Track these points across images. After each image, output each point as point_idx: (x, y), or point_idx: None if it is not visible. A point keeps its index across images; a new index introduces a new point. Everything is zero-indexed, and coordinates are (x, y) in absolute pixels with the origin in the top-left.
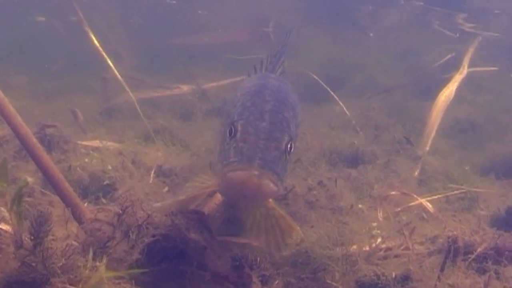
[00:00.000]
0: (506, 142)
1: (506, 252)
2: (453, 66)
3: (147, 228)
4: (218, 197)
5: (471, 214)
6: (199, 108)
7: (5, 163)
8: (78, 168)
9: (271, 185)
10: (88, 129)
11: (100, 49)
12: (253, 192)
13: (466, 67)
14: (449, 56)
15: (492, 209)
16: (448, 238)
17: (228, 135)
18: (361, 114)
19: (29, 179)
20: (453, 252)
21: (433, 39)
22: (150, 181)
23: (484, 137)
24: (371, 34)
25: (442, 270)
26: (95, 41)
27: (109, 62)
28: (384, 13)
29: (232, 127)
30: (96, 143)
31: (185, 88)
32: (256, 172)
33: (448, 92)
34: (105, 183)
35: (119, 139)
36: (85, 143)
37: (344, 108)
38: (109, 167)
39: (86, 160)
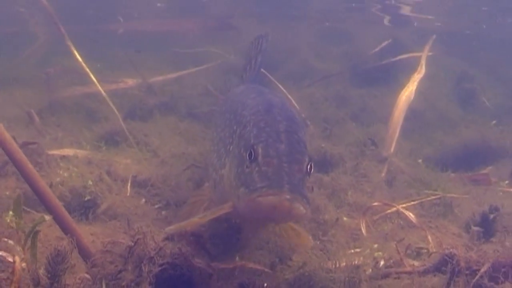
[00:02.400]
0: (448, 131)
1: (503, 269)
2: (390, 52)
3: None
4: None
5: (446, 220)
6: (153, 105)
7: (19, 199)
8: (59, 185)
9: (301, 208)
10: (45, 131)
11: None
12: (284, 216)
13: (423, 66)
14: (385, 43)
15: (467, 215)
16: (448, 257)
17: (248, 158)
18: (310, 106)
19: (47, 217)
20: (454, 271)
21: (368, 24)
22: (128, 194)
23: (427, 125)
24: (327, 23)
25: None
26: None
27: None
28: None
29: (252, 151)
30: (64, 151)
31: (131, 82)
32: (288, 197)
33: (408, 92)
34: (86, 198)
35: (77, 141)
36: (54, 152)
37: (293, 101)
38: (90, 182)
39: (66, 174)
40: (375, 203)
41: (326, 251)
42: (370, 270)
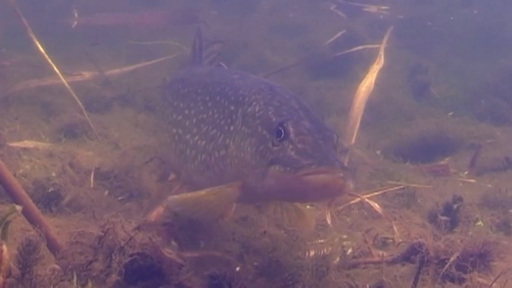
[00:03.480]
0: (405, 123)
1: (470, 258)
2: (344, 44)
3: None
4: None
5: (410, 210)
6: (110, 98)
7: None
8: (22, 177)
9: (352, 185)
10: (3, 124)
11: None
12: (333, 194)
13: (382, 57)
14: (339, 34)
15: (430, 205)
16: (417, 246)
17: (274, 136)
18: None
19: (18, 208)
20: (423, 261)
21: (322, 16)
22: (91, 186)
23: (383, 117)
24: (291, 15)
25: (415, 282)
26: None
27: None
28: None
29: (281, 128)
30: (25, 143)
31: (87, 75)
32: (341, 174)
33: (368, 82)
34: (49, 190)
35: (36, 133)
36: (15, 144)
37: None
38: (53, 174)
39: (28, 166)
40: None
41: (293, 239)
42: (338, 259)
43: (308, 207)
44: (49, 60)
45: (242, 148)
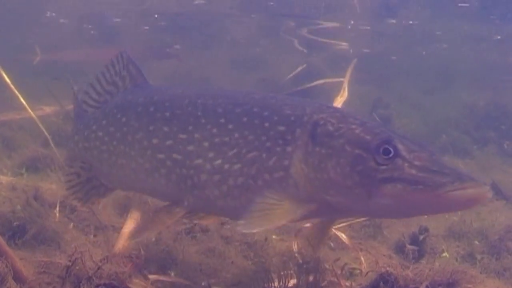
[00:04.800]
0: None
1: (439, 287)
2: (305, 78)
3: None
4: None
5: (376, 242)
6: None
7: None
8: None
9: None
10: None
11: None
12: (474, 207)
13: (346, 89)
14: (300, 68)
15: (396, 236)
16: (385, 275)
17: (381, 155)
18: None
19: None
20: None
21: (282, 50)
22: (56, 219)
23: None
24: (253, 49)
25: None
26: None
27: None
28: (232, 25)
29: (389, 147)
30: None
31: (48, 109)
32: (487, 187)
33: None
34: (15, 224)
35: None
36: None
37: None
38: (19, 207)
39: None
40: (307, 225)
41: (259, 272)
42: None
43: (274, 237)
44: (17, 92)
45: (323, 169)
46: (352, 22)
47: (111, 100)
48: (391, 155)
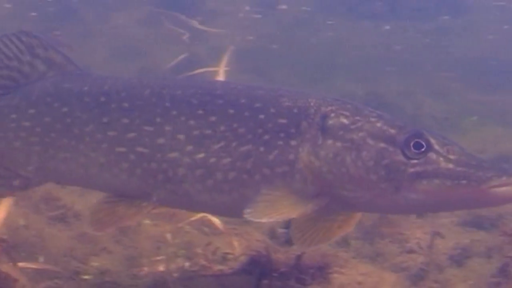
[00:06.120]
0: None
1: (310, 270)
2: (186, 67)
3: None
4: None
5: (251, 227)
6: None
7: None
8: None
9: None
10: None
11: None
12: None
13: (221, 76)
14: (182, 57)
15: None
16: (256, 258)
17: (410, 149)
18: None
19: None
20: (261, 272)
21: (165, 39)
22: None
23: None
24: (134, 38)
25: None
26: None
27: None
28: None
29: (421, 141)
30: None
31: None
32: None
33: None
34: None
35: None
36: None
37: None
38: None
39: None
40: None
41: (130, 257)
42: (176, 274)
43: (147, 221)
44: None
45: (340, 163)
46: (248, 8)
47: (30, 87)
48: (423, 149)
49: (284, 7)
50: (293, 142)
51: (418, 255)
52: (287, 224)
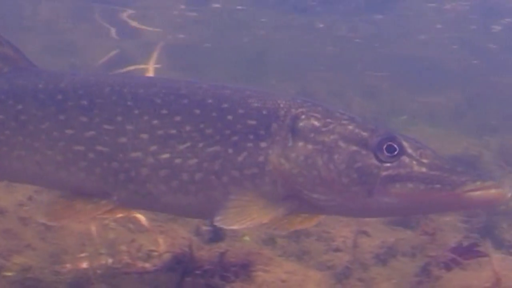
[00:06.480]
0: None
1: (233, 268)
2: (117, 63)
3: None
4: None
5: (177, 224)
6: None
7: None
8: None
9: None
10: None
11: None
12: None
13: (151, 73)
14: (113, 53)
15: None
16: (180, 256)
17: (383, 152)
18: None
19: None
20: (184, 270)
21: (96, 35)
22: None
23: None
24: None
25: None
26: None
27: None
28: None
29: (393, 144)
30: None
31: None
32: (508, 188)
33: None
34: None
35: None
36: None
37: None
38: None
39: None
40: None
41: (54, 254)
42: (100, 271)
43: None
44: None
45: (311, 165)
46: (183, 6)
47: None
48: (396, 152)
49: (218, 5)
50: (262, 144)
51: (344, 253)
52: (212, 227)
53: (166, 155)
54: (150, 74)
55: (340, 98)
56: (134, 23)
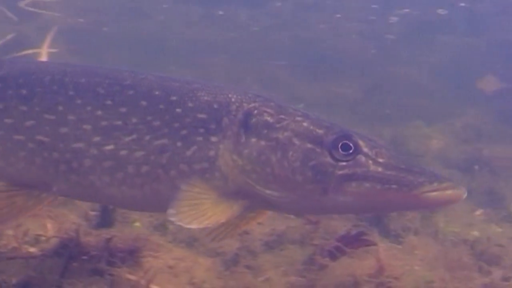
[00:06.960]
0: None
1: (120, 254)
2: (14, 47)
3: None
4: None
5: (67, 209)
6: None
7: None
8: None
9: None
10: None
11: None
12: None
13: (44, 57)
14: (9, 37)
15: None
16: (66, 241)
17: (339, 151)
18: None
19: None
20: (70, 255)
21: None
22: None
23: None
24: None
25: (62, 274)
26: None
27: None
28: None
29: (349, 142)
30: None
31: None
32: (463, 189)
33: None
34: None
35: None
36: None
37: None
38: None
39: None
40: None
41: None
42: None
43: None
44: None
45: (264, 162)
46: None
47: None
48: (351, 151)
49: None
50: (213, 139)
51: (235, 240)
52: (105, 209)
53: (110, 147)
54: (44, 58)
55: (239, 86)
56: (32, 8)
